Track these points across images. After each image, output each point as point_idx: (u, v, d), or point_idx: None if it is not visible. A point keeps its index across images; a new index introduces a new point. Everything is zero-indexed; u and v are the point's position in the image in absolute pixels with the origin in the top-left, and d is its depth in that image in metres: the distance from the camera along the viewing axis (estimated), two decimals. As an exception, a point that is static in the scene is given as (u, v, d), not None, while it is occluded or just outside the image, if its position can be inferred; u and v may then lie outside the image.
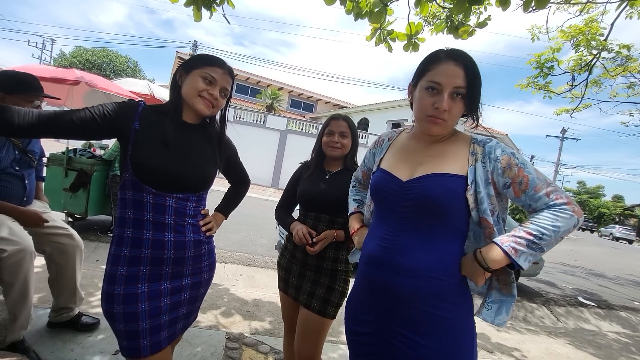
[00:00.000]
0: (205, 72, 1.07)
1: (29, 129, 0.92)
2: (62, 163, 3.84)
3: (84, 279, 2.19)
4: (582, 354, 3.12)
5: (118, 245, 1.04)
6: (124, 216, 1.04)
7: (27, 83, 1.70)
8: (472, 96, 0.90)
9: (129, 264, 1.02)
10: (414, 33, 2.60)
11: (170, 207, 1.05)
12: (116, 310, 1.00)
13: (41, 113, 0.94)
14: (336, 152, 1.48)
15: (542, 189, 0.85)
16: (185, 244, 1.09)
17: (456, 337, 0.87)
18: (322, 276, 1.43)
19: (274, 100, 20.44)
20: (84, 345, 1.81)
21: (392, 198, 0.96)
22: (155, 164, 1.02)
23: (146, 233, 1.03)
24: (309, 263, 1.44)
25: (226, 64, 1.13)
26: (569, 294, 5.53)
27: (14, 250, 1.50)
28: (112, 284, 1.01)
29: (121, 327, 1.00)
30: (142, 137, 1.03)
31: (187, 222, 1.10)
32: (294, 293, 1.47)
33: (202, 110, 1.08)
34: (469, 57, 0.90)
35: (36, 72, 2.98)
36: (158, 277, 1.06)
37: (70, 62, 30.32)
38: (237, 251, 4.54)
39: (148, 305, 1.03)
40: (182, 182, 1.07)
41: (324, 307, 1.39)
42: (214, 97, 1.09)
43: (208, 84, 1.07)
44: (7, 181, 1.67)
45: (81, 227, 4.14)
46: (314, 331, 1.40)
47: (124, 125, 1.03)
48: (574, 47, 5.16)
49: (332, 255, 1.44)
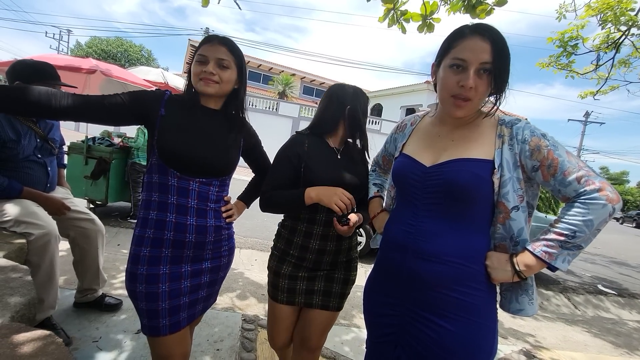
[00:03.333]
0: (199, 54, 1.09)
1: (64, 111, 0.96)
2: (82, 151, 3.96)
3: (106, 262, 2.29)
4: (601, 342, 3.06)
5: (142, 227, 1.08)
6: (149, 199, 1.08)
7: (45, 72, 1.74)
8: (500, 72, 0.83)
9: (152, 246, 1.06)
10: (429, 13, 2.50)
11: (194, 190, 1.08)
12: (138, 289, 1.05)
13: (76, 97, 0.98)
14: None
15: (572, 173, 0.79)
16: (206, 229, 1.12)
17: (478, 322, 0.86)
18: (337, 271, 1.28)
19: (286, 87, 20.32)
20: (108, 325, 1.90)
21: (416, 184, 0.94)
22: (179, 148, 1.06)
23: (169, 216, 1.06)
24: (324, 262, 1.25)
25: (217, 36, 1.13)
26: (588, 282, 5.41)
27: (40, 234, 1.57)
28: (136, 264, 1.06)
29: (142, 306, 1.05)
30: (167, 123, 1.07)
31: (210, 207, 1.13)
32: (305, 299, 1.26)
33: (204, 89, 1.09)
34: (497, 31, 0.84)
35: (53, 60, 3.05)
36: (179, 259, 1.09)
37: (86, 53, 30.82)
38: (252, 237, 4.63)
39: (169, 287, 1.07)
40: (205, 165, 1.10)
41: (341, 302, 1.30)
42: (208, 72, 1.08)
43: (202, 64, 1.08)
44: (30, 168, 1.74)
45: (102, 213, 4.29)
46: (328, 325, 1.32)
47: (151, 112, 1.08)
48: (601, 23, 4.85)
49: (346, 246, 1.28)
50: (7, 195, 1.63)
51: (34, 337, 0.86)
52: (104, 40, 33.67)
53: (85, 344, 1.71)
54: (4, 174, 1.62)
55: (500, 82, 0.85)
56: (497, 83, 0.84)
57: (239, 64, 1.15)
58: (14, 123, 1.65)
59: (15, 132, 1.64)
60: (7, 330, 0.87)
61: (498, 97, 0.88)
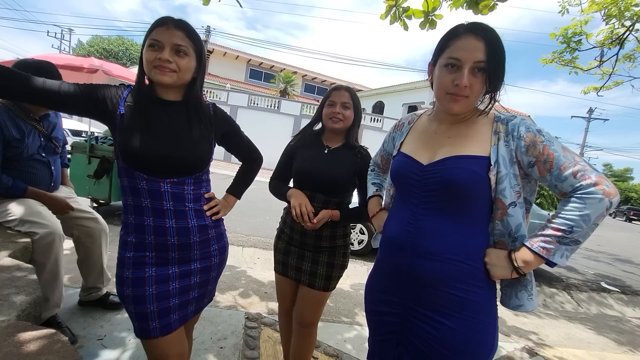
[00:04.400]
0: (151, 39, 0.97)
1: (26, 92, 0.91)
2: (85, 150, 3.98)
3: (110, 260, 2.30)
4: (604, 339, 3.06)
5: (125, 231, 1.05)
6: (125, 203, 1.03)
7: (46, 71, 1.74)
8: (495, 71, 0.84)
9: (135, 250, 1.03)
10: (431, 9, 2.48)
11: (167, 192, 1.01)
12: (126, 292, 1.02)
13: (36, 79, 0.91)
14: (338, 125, 1.38)
15: (568, 168, 0.80)
16: (188, 230, 1.06)
17: (478, 319, 0.86)
18: (321, 255, 1.42)
19: (287, 85, 20.29)
20: (112, 323, 1.92)
21: (413, 182, 0.94)
22: (141, 148, 0.97)
23: (147, 219, 1.01)
24: (307, 243, 1.42)
25: (172, 18, 1.00)
26: (591, 279, 5.39)
27: (45, 233, 1.58)
28: (122, 268, 1.03)
29: (131, 309, 1.02)
30: (127, 121, 0.99)
31: (188, 207, 1.06)
32: (295, 274, 1.46)
33: (160, 79, 0.97)
34: (491, 30, 0.84)
35: (55, 60, 3.06)
36: (165, 262, 1.05)
37: (88, 52, 30.96)
38: (254, 235, 4.64)
39: (156, 289, 1.03)
40: (172, 165, 1.01)
41: (327, 283, 1.43)
42: (164, 60, 0.96)
43: (156, 50, 0.97)
44: (34, 167, 1.75)
45: (106, 212, 4.31)
46: (318, 303, 1.46)
47: (109, 110, 0.99)
48: (605, 18, 4.80)
49: (328, 234, 1.42)
50: (11, 195, 1.65)
51: (40, 335, 0.87)
52: (106, 39, 33.79)
53: (90, 342, 1.73)
54: (8, 174, 1.63)
55: (495, 80, 0.85)
56: (492, 82, 0.85)
57: (198, 50, 1.04)
58: (18, 122, 1.66)
59: (19, 131, 1.65)
60: (14, 329, 0.88)
61: (493, 95, 0.89)
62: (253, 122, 14.63)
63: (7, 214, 1.61)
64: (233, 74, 23.26)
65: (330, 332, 2.25)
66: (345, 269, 1.49)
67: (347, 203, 1.48)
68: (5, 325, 0.91)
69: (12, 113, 1.65)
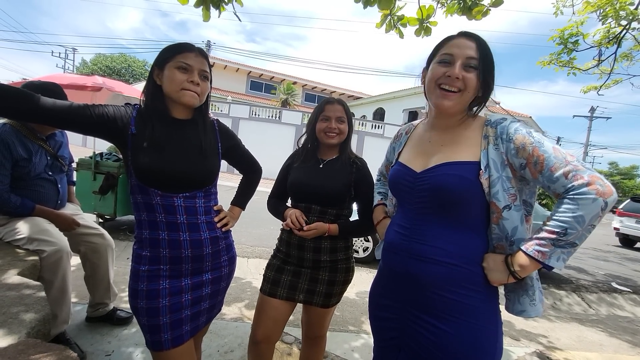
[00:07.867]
0: (179, 61, 1.04)
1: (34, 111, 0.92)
2: (90, 167, 4.04)
3: (116, 276, 2.31)
4: (617, 341, 3.00)
5: (139, 245, 1.08)
6: (139, 218, 1.07)
7: (52, 92, 1.78)
8: (486, 68, 0.88)
9: (150, 263, 1.06)
10: (426, 17, 2.52)
11: (180, 206, 1.06)
12: (140, 305, 1.04)
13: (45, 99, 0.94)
14: (335, 140, 1.37)
15: (559, 168, 0.78)
16: (201, 242, 1.11)
17: (476, 324, 0.86)
18: (321, 272, 1.36)
19: (288, 95, 20.48)
20: (120, 338, 1.92)
21: (408, 190, 0.97)
22: (156, 166, 1.02)
23: (162, 234, 1.05)
24: (306, 259, 1.35)
25: (195, 46, 1.09)
26: (601, 280, 5.31)
27: (52, 251, 1.60)
28: (136, 281, 1.06)
29: (144, 322, 1.05)
30: (139, 141, 1.02)
31: (200, 220, 1.11)
32: (287, 293, 1.34)
33: (190, 102, 1.06)
34: (481, 37, 0.90)
35: (59, 79, 3.14)
36: (179, 274, 1.09)
37: (92, 70, 31.52)
38: (259, 246, 4.64)
39: (169, 301, 1.06)
40: (185, 180, 1.07)
41: (327, 300, 1.37)
42: (196, 83, 1.05)
43: (186, 73, 1.04)
44: (42, 186, 1.79)
45: (111, 228, 4.35)
46: (321, 318, 1.43)
47: (121, 130, 1.03)
48: (601, 18, 4.83)
49: (328, 246, 1.36)
50: (20, 213, 1.68)
51: (50, 352, 0.88)
52: (109, 57, 34.44)
53: (98, 357, 1.73)
54: (16, 192, 1.66)
55: (487, 76, 0.89)
56: (485, 77, 0.89)
57: (210, 75, 1.14)
58: (25, 142, 1.70)
59: (26, 150, 1.69)
60: (24, 346, 0.89)
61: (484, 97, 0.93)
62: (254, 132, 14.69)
63: (15, 233, 1.64)
64: (234, 87, 23.56)
65: (337, 341, 2.23)
66: (348, 284, 1.44)
67: (346, 216, 1.43)
68: (16, 342, 0.93)
69: (20, 133, 1.69)
